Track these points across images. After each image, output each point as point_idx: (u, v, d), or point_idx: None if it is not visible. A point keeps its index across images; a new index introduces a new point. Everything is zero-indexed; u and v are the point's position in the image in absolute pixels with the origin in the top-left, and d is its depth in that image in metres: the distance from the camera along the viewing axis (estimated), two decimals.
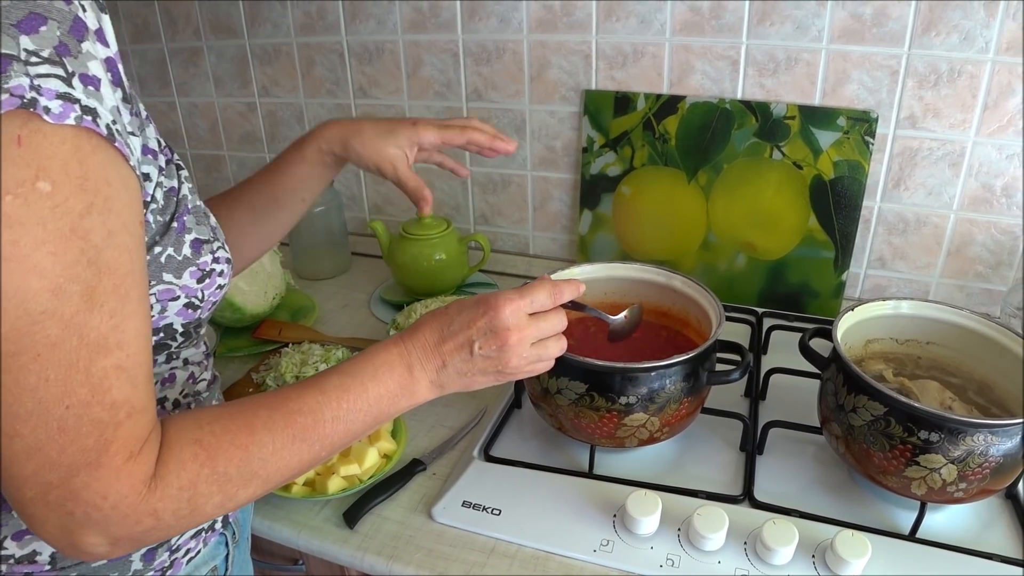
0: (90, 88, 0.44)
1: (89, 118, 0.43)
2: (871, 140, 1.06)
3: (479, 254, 1.27)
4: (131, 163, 0.47)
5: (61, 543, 0.47)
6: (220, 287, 0.61)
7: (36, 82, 0.41)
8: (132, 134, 0.49)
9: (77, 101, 0.42)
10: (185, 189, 0.58)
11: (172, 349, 0.61)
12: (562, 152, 1.26)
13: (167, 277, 0.55)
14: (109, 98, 0.45)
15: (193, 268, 0.57)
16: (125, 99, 0.47)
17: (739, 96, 1.12)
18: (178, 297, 0.57)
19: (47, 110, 0.41)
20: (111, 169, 0.45)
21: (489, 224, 1.38)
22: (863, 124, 1.06)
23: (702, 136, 1.14)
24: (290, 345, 1.06)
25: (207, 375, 0.67)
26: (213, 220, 0.62)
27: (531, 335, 0.63)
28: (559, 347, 0.66)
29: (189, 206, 0.58)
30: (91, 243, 0.43)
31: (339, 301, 1.29)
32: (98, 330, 0.44)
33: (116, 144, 0.45)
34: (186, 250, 0.56)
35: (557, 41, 1.17)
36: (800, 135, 1.09)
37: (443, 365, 0.62)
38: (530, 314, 0.63)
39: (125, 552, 0.51)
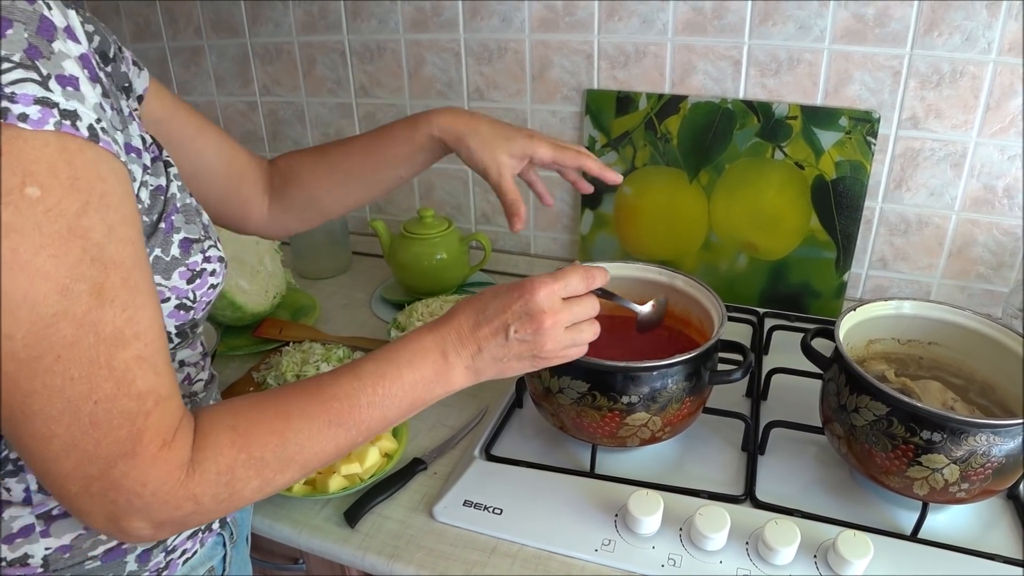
0: (69, 89, 0.43)
1: (68, 123, 0.42)
2: (873, 140, 1.06)
3: (480, 254, 1.27)
4: (121, 159, 0.47)
5: (110, 529, 0.48)
6: (213, 287, 0.60)
7: (9, 90, 0.40)
8: (117, 129, 0.48)
9: (56, 105, 0.42)
10: (174, 187, 0.57)
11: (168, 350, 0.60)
12: None
13: (156, 279, 0.54)
14: (91, 95, 0.44)
15: (182, 268, 0.56)
16: (104, 94, 0.47)
17: (741, 96, 1.12)
18: (168, 299, 0.56)
19: (24, 117, 0.40)
20: (102, 165, 0.45)
21: (490, 223, 1.38)
22: (865, 124, 1.06)
23: (704, 136, 1.14)
24: (291, 344, 1.06)
25: (204, 375, 0.66)
26: (205, 218, 0.61)
27: (566, 319, 0.62)
28: (593, 331, 0.65)
29: (178, 204, 0.57)
30: (92, 241, 0.43)
31: (340, 300, 1.29)
32: (113, 324, 0.45)
33: (101, 143, 0.44)
34: (174, 250, 0.56)
35: (559, 40, 1.17)
36: (802, 135, 1.09)
37: (479, 350, 0.61)
38: (564, 299, 0.63)
39: (170, 534, 0.53)
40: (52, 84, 0.42)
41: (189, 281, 0.57)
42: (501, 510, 0.78)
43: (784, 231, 1.14)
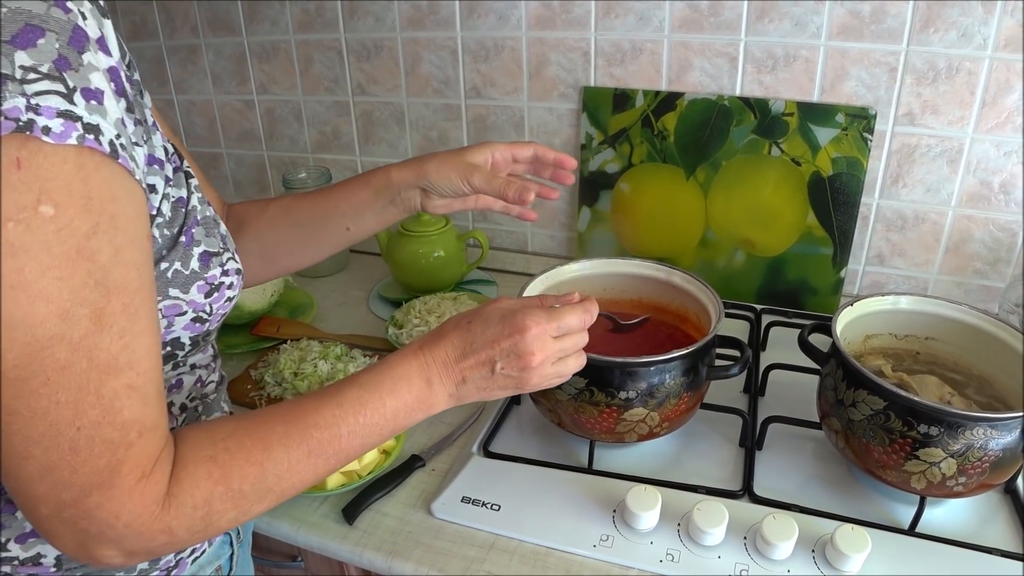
0: (93, 103, 0.42)
1: (91, 137, 0.41)
2: (869, 137, 1.06)
3: (478, 251, 1.27)
4: (136, 177, 0.46)
5: (78, 556, 0.47)
6: (229, 299, 0.60)
7: (34, 101, 0.39)
8: (136, 144, 0.47)
9: (79, 119, 0.41)
10: (195, 200, 0.56)
11: (179, 358, 0.60)
12: (561, 149, 1.25)
13: (173, 292, 0.54)
14: (113, 111, 0.44)
15: (201, 282, 0.56)
16: (128, 108, 0.46)
17: (738, 93, 1.12)
18: (185, 312, 0.55)
19: (47, 130, 0.39)
20: (116, 184, 0.44)
21: (488, 221, 1.38)
22: (861, 121, 1.06)
23: (701, 133, 1.14)
24: (288, 342, 1.06)
25: (215, 377, 0.66)
26: (223, 228, 0.60)
27: (553, 356, 0.63)
28: (578, 363, 0.66)
29: (198, 217, 0.56)
30: (98, 264, 0.42)
31: (337, 298, 1.29)
32: (108, 351, 0.43)
33: (119, 160, 0.43)
34: (194, 264, 0.55)
35: (556, 38, 1.17)
36: (799, 132, 1.09)
37: (463, 380, 0.61)
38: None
39: (142, 561, 0.53)
40: (77, 97, 0.41)
41: (207, 295, 0.56)
42: (499, 506, 0.78)
43: (781, 228, 1.14)
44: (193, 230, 0.55)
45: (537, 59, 1.20)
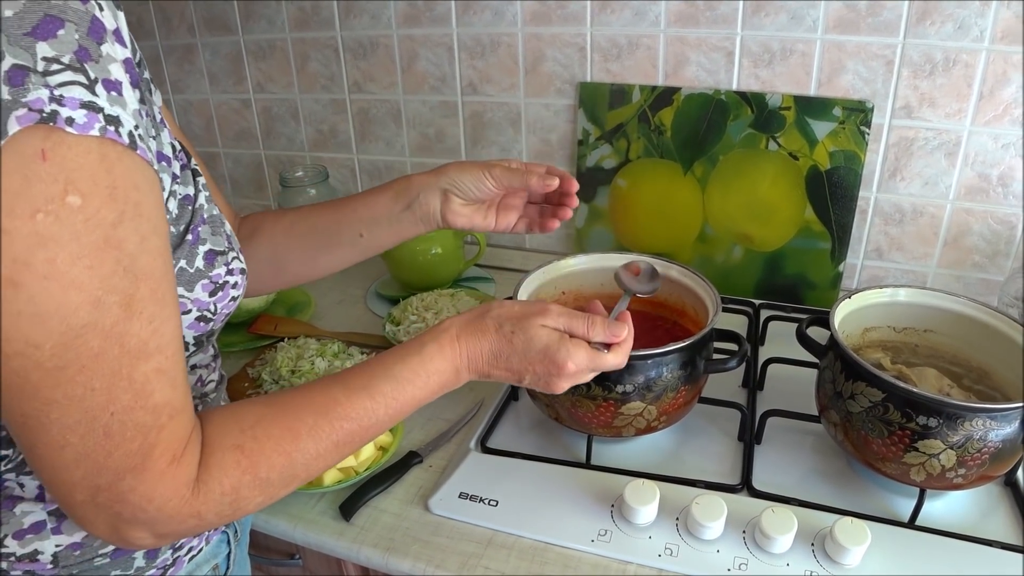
0: (113, 94, 0.42)
1: (112, 128, 0.42)
2: (867, 130, 1.06)
3: (475, 249, 1.26)
4: (154, 167, 0.46)
5: (111, 538, 0.48)
6: (234, 299, 0.60)
7: (57, 92, 0.39)
8: (151, 137, 0.48)
9: (101, 110, 0.41)
10: (202, 198, 0.56)
11: None
12: (557, 145, 1.25)
13: (179, 291, 0.54)
14: (131, 102, 0.44)
15: (205, 281, 0.56)
16: (142, 100, 0.46)
17: (734, 87, 1.11)
18: (190, 311, 0.56)
19: (70, 121, 0.39)
20: (137, 174, 0.44)
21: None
22: (859, 114, 1.05)
23: (698, 128, 1.14)
24: (286, 340, 1.06)
25: (214, 376, 0.66)
26: (228, 228, 0.60)
27: (580, 379, 0.64)
28: (592, 375, 0.66)
29: (205, 216, 0.56)
30: (126, 251, 0.43)
31: (335, 296, 1.28)
32: (138, 336, 0.44)
33: (138, 151, 0.44)
34: (199, 262, 0.55)
35: (552, 34, 1.17)
36: (796, 126, 1.09)
37: (487, 375, 0.63)
38: None
39: (170, 542, 0.54)
40: (99, 88, 0.41)
41: (212, 294, 0.57)
42: (497, 502, 0.78)
43: (779, 222, 1.14)
44: (199, 228, 0.55)
45: (533, 55, 1.20)
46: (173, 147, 0.53)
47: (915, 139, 1.06)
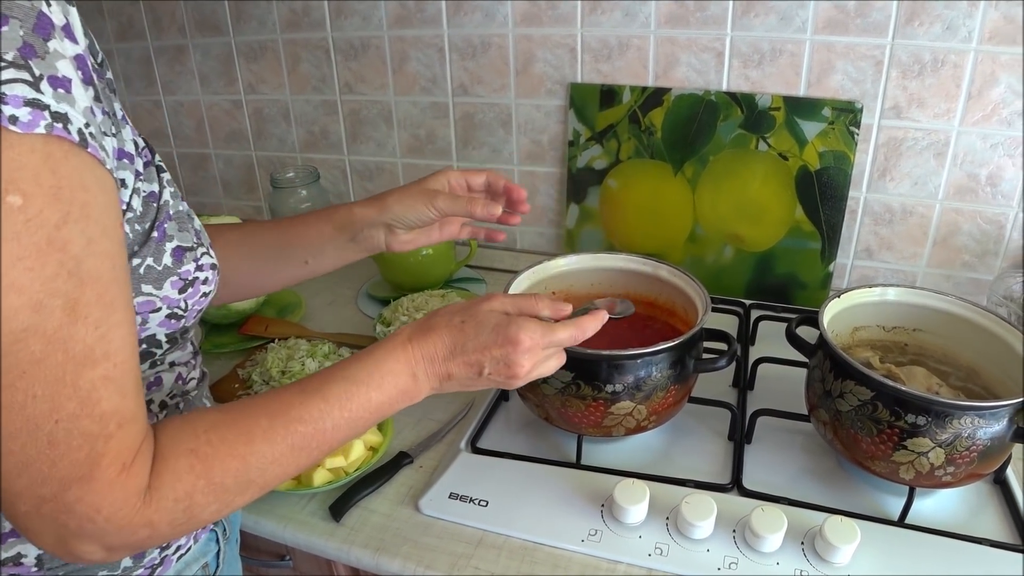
0: (60, 91, 0.41)
1: (60, 125, 0.41)
2: (856, 130, 1.06)
3: (466, 250, 1.26)
4: (107, 166, 0.45)
5: (58, 552, 0.46)
6: (205, 295, 0.59)
7: (0, 89, 0.38)
8: (106, 134, 0.46)
9: (47, 107, 0.40)
10: (167, 194, 0.55)
11: (157, 356, 0.59)
12: (548, 146, 1.25)
13: (146, 289, 0.53)
14: (81, 99, 0.43)
15: (174, 278, 0.55)
16: (96, 98, 0.45)
17: (724, 88, 1.12)
18: (159, 308, 0.55)
19: (14, 119, 0.39)
20: (86, 173, 0.43)
21: (475, 221, 1.38)
22: (848, 114, 1.06)
23: (688, 128, 1.14)
24: (276, 341, 1.05)
25: (195, 373, 0.65)
26: (197, 223, 0.59)
27: (541, 363, 0.63)
28: (559, 361, 0.66)
29: (171, 212, 0.55)
30: (70, 254, 0.42)
31: (326, 298, 1.28)
32: (84, 342, 0.43)
33: (89, 149, 0.43)
34: (167, 259, 0.54)
35: (542, 35, 1.17)
36: (785, 126, 1.09)
37: (448, 376, 0.62)
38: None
39: (122, 557, 0.51)
40: (44, 85, 0.40)
41: (181, 291, 0.56)
42: (487, 502, 0.77)
43: (769, 222, 1.14)
44: (165, 225, 0.54)
45: (524, 56, 1.20)
46: (136, 144, 0.53)
47: (904, 139, 1.06)
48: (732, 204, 1.15)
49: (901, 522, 0.73)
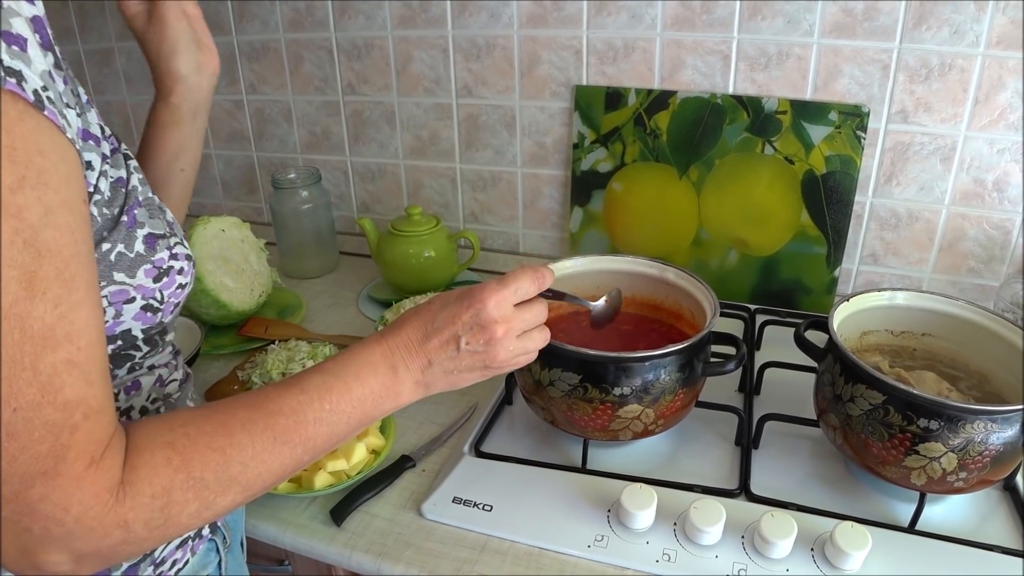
0: (14, 48, 0.39)
1: (13, 80, 0.38)
2: (863, 135, 1.05)
3: (468, 252, 1.25)
4: (68, 135, 0.42)
5: (19, 565, 0.42)
6: (181, 286, 0.57)
7: None
8: (68, 106, 0.44)
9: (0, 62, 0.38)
10: (135, 180, 0.53)
11: (136, 359, 0.57)
12: (552, 148, 1.25)
13: (119, 276, 0.51)
14: (39, 61, 0.41)
15: (148, 266, 0.52)
16: (57, 66, 0.43)
17: (730, 91, 1.11)
18: (133, 299, 0.52)
19: None
20: (43, 138, 0.40)
21: (479, 222, 1.37)
22: (855, 119, 1.05)
23: (693, 131, 1.13)
24: (276, 342, 1.04)
25: (177, 374, 0.63)
26: (170, 215, 0.57)
27: (517, 327, 0.61)
28: (543, 338, 0.65)
29: (140, 198, 0.53)
30: (26, 222, 0.38)
31: (327, 300, 1.27)
32: (42, 320, 0.39)
33: (46, 112, 0.40)
34: (139, 246, 0.52)
35: (548, 36, 1.16)
36: (792, 130, 1.08)
37: (428, 364, 0.59)
38: (514, 305, 0.61)
39: (93, 571, 0.45)
40: None
41: (156, 279, 0.53)
42: (491, 507, 0.76)
43: (774, 226, 1.13)
44: (135, 211, 0.52)
45: (529, 57, 1.19)
46: (102, 128, 0.51)
47: (911, 144, 1.06)
48: (737, 208, 1.14)
49: (911, 528, 0.72)
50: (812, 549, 0.69)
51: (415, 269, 1.19)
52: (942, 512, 0.75)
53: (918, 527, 0.72)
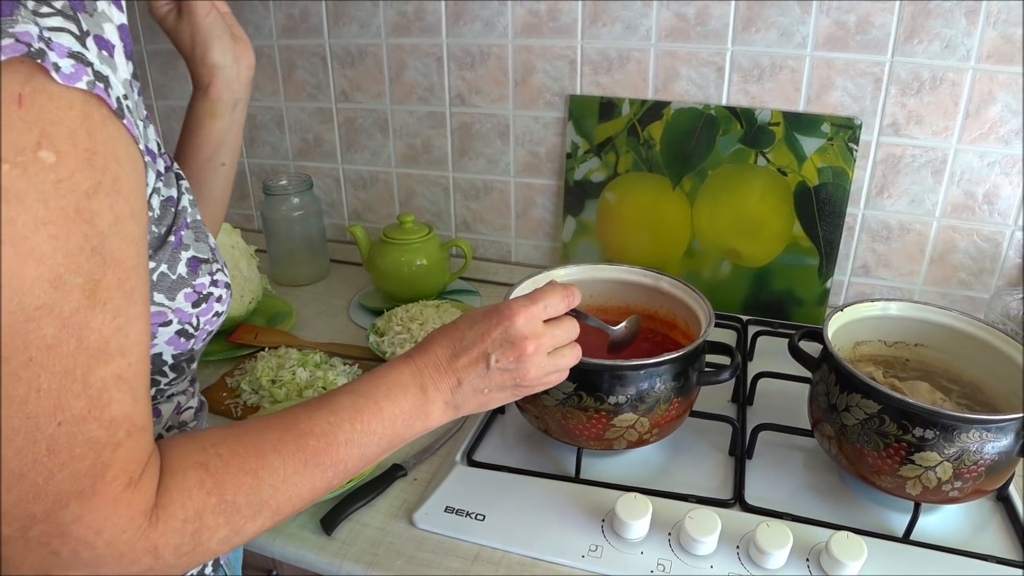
0: (104, 53, 0.38)
1: (101, 86, 0.38)
2: (855, 147, 1.06)
3: (460, 261, 1.25)
4: (139, 146, 0.42)
5: None
6: (218, 314, 0.55)
7: (47, 35, 0.35)
8: (138, 119, 0.44)
9: (90, 64, 0.37)
10: (185, 200, 0.52)
11: (161, 385, 0.55)
12: (546, 158, 1.25)
13: (158, 298, 0.50)
14: (123, 69, 0.40)
15: (188, 290, 0.51)
16: (135, 76, 0.43)
17: (724, 102, 1.12)
18: (170, 322, 0.51)
19: (56, 67, 0.35)
20: (120, 146, 0.40)
21: (471, 231, 1.37)
22: (847, 131, 1.06)
23: (687, 142, 1.14)
24: (266, 349, 1.03)
25: (193, 402, 0.62)
26: (212, 240, 0.56)
27: (547, 343, 0.60)
28: (575, 355, 0.64)
29: (188, 220, 0.52)
30: (96, 228, 0.38)
31: (317, 307, 1.26)
32: (99, 332, 0.38)
33: (124, 121, 0.40)
34: (181, 268, 0.51)
35: (542, 46, 1.17)
36: (784, 141, 1.09)
37: (458, 383, 0.58)
38: (544, 321, 0.61)
39: None
40: (89, 42, 0.38)
41: (195, 304, 0.52)
42: (484, 516, 0.75)
43: (767, 238, 1.14)
44: (182, 232, 0.51)
45: (523, 67, 1.19)
46: (159, 145, 0.50)
47: (902, 156, 1.07)
48: (730, 219, 1.14)
49: (906, 538, 0.71)
50: (807, 559, 0.68)
51: (406, 277, 1.19)
52: (936, 522, 0.75)
53: (913, 537, 0.71)
